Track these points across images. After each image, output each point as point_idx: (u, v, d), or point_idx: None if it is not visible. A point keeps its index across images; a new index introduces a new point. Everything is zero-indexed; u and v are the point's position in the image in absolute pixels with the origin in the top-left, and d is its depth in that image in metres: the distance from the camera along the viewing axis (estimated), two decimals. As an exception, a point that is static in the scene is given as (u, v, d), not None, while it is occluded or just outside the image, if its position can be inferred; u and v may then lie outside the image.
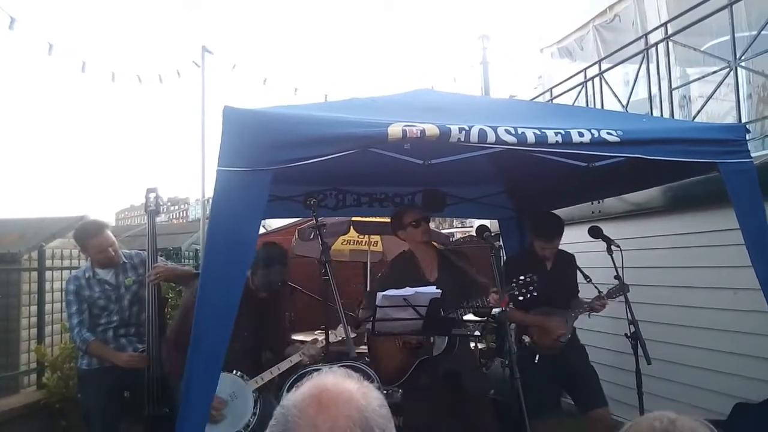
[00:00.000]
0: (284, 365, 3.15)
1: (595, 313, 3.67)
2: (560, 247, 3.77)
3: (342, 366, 1.33)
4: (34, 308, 5.14)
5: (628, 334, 3.29)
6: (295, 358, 3.14)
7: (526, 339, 3.60)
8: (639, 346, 3.22)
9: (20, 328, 5.06)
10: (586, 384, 3.64)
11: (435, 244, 3.97)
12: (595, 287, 3.56)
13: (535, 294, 3.19)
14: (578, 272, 3.73)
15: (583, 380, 3.65)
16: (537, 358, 3.62)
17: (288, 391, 1.21)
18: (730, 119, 4.89)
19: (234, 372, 3.07)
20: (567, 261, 3.81)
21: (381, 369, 3.47)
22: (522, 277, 3.20)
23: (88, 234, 3.52)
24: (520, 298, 3.20)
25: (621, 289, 3.42)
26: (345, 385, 0.96)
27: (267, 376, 3.12)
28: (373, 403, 0.94)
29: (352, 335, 3.23)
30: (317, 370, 1.07)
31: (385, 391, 3.91)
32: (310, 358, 3.15)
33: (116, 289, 3.56)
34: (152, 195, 3.63)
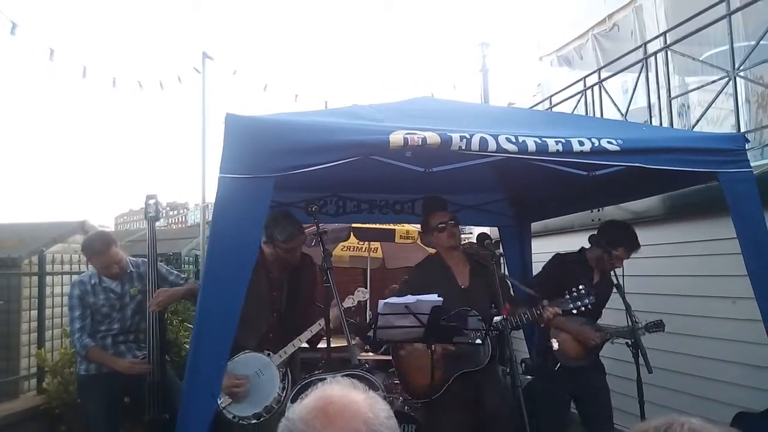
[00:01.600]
0: (305, 336, 3.18)
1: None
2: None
3: (345, 375, 1.32)
4: (34, 313, 5.14)
5: (629, 343, 3.30)
6: (315, 328, 3.16)
7: (555, 344, 3.50)
8: (640, 354, 3.22)
9: (20, 332, 5.07)
10: (597, 413, 3.60)
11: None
12: (631, 317, 3.34)
13: (590, 308, 3.07)
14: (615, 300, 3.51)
15: (595, 408, 3.61)
16: (558, 365, 3.57)
17: (293, 402, 1.20)
18: (728, 125, 4.91)
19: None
20: (610, 283, 3.52)
21: (410, 382, 3.36)
22: (575, 289, 3.07)
23: (94, 250, 3.51)
24: (574, 311, 3.08)
25: (659, 326, 3.43)
26: (352, 397, 0.94)
27: (290, 349, 3.16)
28: (380, 416, 0.92)
29: (353, 341, 3.23)
30: (321, 380, 1.05)
31: (415, 404, 3.77)
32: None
33: (121, 298, 3.56)
34: (152, 201, 3.63)
